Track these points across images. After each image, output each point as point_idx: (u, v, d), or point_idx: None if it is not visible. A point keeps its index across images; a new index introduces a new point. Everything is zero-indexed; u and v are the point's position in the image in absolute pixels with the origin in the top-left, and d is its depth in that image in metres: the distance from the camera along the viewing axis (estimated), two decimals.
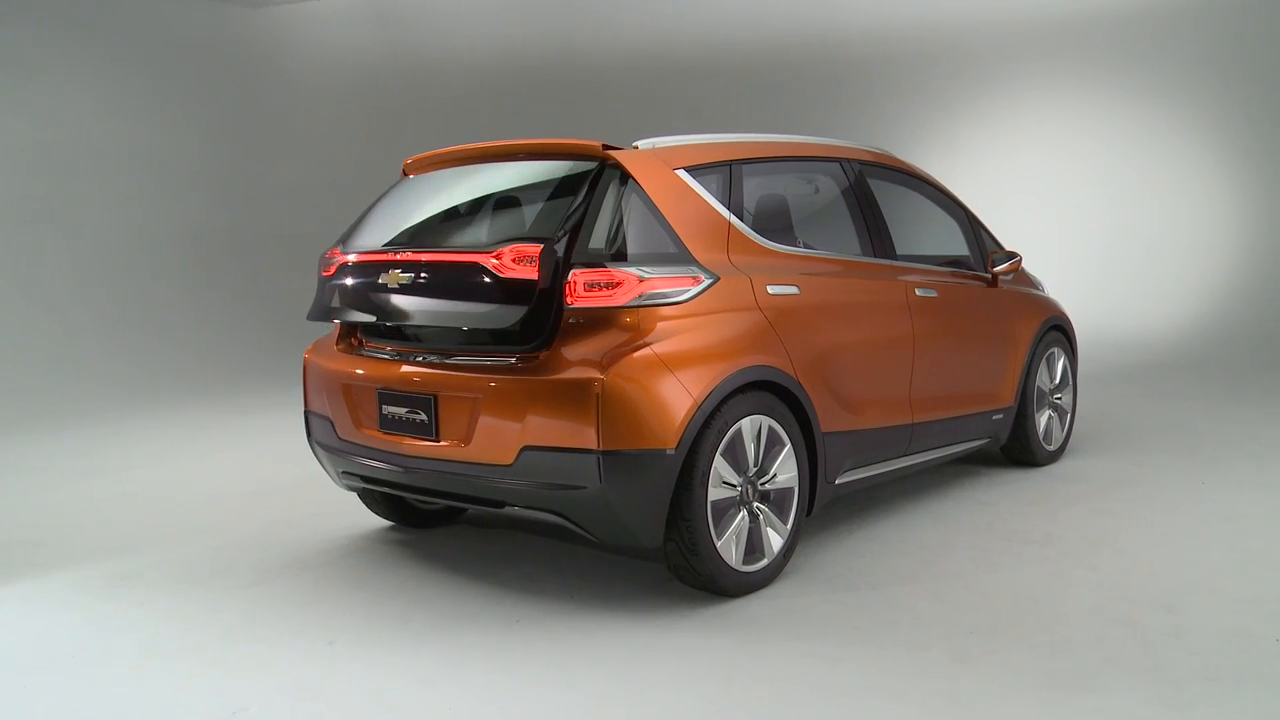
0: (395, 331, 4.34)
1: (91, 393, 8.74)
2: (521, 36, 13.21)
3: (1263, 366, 8.76)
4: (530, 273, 3.45)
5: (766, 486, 3.82)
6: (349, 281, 4.06)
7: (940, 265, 5.09)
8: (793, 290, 4.02)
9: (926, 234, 5.24)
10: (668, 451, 3.43)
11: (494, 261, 3.52)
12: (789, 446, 3.87)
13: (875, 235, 4.62)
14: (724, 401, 3.59)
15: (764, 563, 3.81)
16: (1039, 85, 11.20)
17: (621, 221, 3.64)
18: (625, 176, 3.70)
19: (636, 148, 3.86)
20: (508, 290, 3.50)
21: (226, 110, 12.15)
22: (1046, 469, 5.60)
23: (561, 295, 3.52)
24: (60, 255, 10.13)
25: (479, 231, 4.23)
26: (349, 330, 4.31)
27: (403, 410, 3.79)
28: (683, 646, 3.32)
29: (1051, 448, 5.69)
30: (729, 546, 3.66)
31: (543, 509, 3.56)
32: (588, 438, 3.38)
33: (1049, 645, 3.24)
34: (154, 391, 8.99)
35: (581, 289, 3.51)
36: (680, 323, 3.59)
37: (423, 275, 3.76)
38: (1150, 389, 8.04)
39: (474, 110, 12.94)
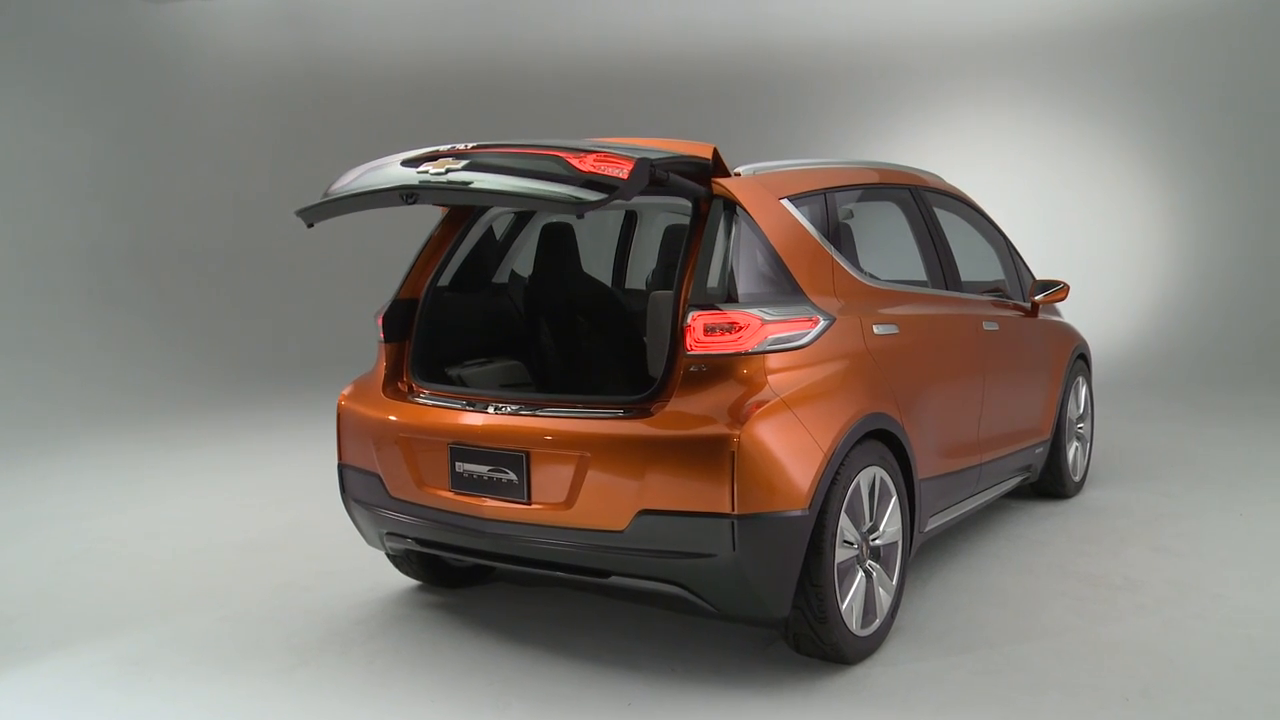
0: (441, 374, 3.90)
1: None
2: (441, 41, 12.63)
3: (1211, 382, 8.98)
4: (620, 173, 2.92)
5: (877, 542, 3.53)
6: (373, 171, 3.41)
7: (984, 293, 4.91)
8: (893, 330, 3.75)
9: (964, 260, 5.04)
10: (801, 513, 3.11)
11: (576, 159, 3.01)
12: (895, 497, 3.60)
13: (945, 266, 4.40)
14: (848, 454, 3.29)
15: (877, 624, 3.52)
16: (975, 104, 11.29)
17: (732, 257, 3.29)
18: (732, 206, 3.35)
19: (739, 174, 3.52)
20: (588, 181, 2.94)
21: (125, 113, 11.20)
22: (1074, 501, 5.48)
23: (681, 335, 3.16)
24: None
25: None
26: (394, 374, 3.83)
27: (484, 468, 3.35)
28: None
29: (1077, 478, 5.58)
30: (850, 610, 3.36)
31: (658, 579, 3.18)
32: (720, 500, 3.02)
33: (1221, 716, 3.04)
34: (64, 424, 8.08)
35: (701, 333, 3.16)
36: (802, 371, 3.27)
37: (483, 160, 3.17)
38: (1118, 409, 8.06)
39: (391, 118, 12.28)
